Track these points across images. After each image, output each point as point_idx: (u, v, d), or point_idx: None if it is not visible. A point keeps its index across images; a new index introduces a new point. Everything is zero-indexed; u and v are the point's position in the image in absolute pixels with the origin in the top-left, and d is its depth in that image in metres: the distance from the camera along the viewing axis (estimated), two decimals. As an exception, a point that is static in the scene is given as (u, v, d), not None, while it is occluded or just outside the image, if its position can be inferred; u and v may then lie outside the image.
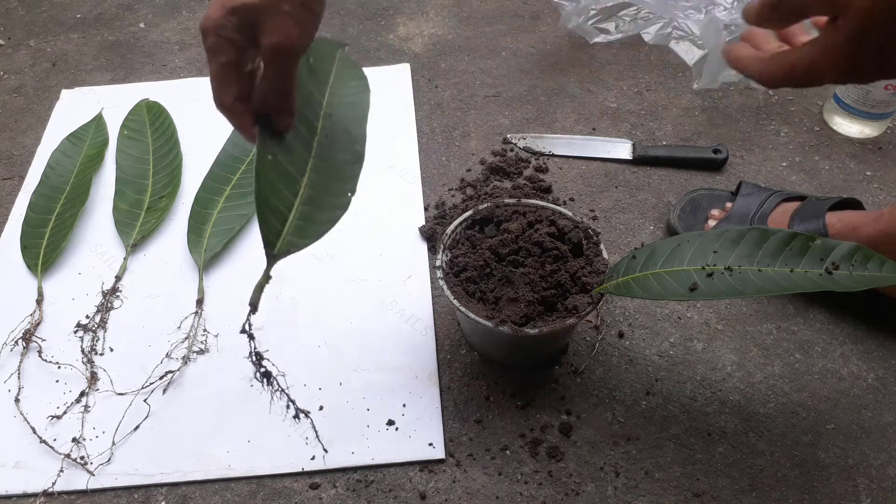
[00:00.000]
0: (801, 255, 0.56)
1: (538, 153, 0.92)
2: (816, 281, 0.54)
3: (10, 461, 0.65)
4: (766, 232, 0.58)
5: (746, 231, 0.59)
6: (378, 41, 1.11)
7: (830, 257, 0.55)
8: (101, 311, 0.76)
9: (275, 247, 0.50)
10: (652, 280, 0.60)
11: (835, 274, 0.54)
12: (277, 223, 0.50)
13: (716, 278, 0.57)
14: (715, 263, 0.58)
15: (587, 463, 0.64)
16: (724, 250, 0.58)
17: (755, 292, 0.55)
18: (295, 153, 0.53)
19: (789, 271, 0.55)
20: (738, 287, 0.56)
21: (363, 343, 0.73)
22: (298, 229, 0.51)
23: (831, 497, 0.62)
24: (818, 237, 0.56)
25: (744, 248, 0.58)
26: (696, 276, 0.58)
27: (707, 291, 0.57)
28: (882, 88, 0.87)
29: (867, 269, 0.55)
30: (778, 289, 0.55)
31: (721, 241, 0.59)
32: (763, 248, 0.57)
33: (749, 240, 0.58)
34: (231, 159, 0.89)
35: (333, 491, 0.63)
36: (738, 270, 0.57)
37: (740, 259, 0.57)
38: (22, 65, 1.09)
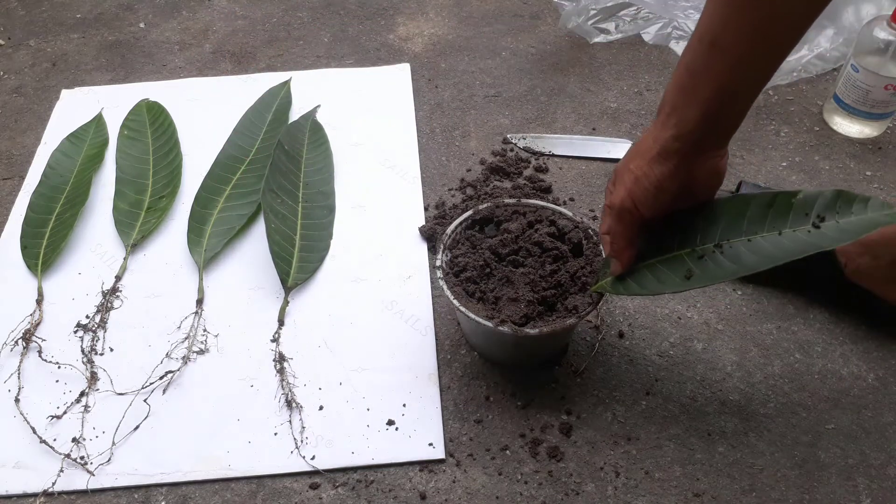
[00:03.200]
0: (785, 214, 0.55)
1: (538, 153, 0.92)
2: (807, 240, 0.53)
3: (10, 461, 0.65)
4: (745, 199, 0.57)
5: (726, 201, 0.58)
6: (378, 41, 1.11)
7: (815, 209, 0.53)
8: (101, 311, 0.76)
9: (287, 282, 0.77)
10: (646, 273, 0.59)
11: (822, 227, 0.53)
12: (286, 266, 0.77)
13: (708, 259, 0.56)
14: (704, 243, 0.57)
15: (587, 463, 0.64)
16: (709, 227, 0.57)
17: (750, 269, 0.54)
18: (287, 220, 0.81)
19: (778, 234, 0.54)
20: (732, 265, 0.55)
21: (363, 343, 0.73)
22: (300, 269, 0.78)
23: (831, 497, 0.62)
24: (800, 192, 0.55)
25: (728, 221, 0.56)
26: (689, 261, 0.57)
27: (703, 276, 0.56)
28: (882, 88, 0.87)
29: (853, 214, 0.53)
30: (771, 260, 0.53)
31: (704, 218, 0.58)
32: (747, 217, 0.56)
33: (731, 210, 0.57)
34: (231, 159, 0.89)
35: (333, 491, 0.63)
36: (729, 245, 0.56)
37: (727, 232, 0.56)
38: (22, 65, 1.09)
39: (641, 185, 0.55)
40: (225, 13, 1.18)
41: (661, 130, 0.54)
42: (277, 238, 0.78)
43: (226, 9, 1.19)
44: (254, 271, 0.79)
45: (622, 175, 0.57)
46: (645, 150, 0.55)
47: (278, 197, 0.82)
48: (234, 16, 1.17)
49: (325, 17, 1.16)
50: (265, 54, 1.09)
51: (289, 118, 0.95)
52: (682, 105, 0.53)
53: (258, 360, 0.72)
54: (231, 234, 0.81)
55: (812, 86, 1.00)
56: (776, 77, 0.99)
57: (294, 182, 0.85)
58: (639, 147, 0.56)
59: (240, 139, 0.92)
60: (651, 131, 0.56)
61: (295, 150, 0.88)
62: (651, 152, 0.55)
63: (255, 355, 0.72)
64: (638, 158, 0.56)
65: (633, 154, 0.57)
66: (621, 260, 0.60)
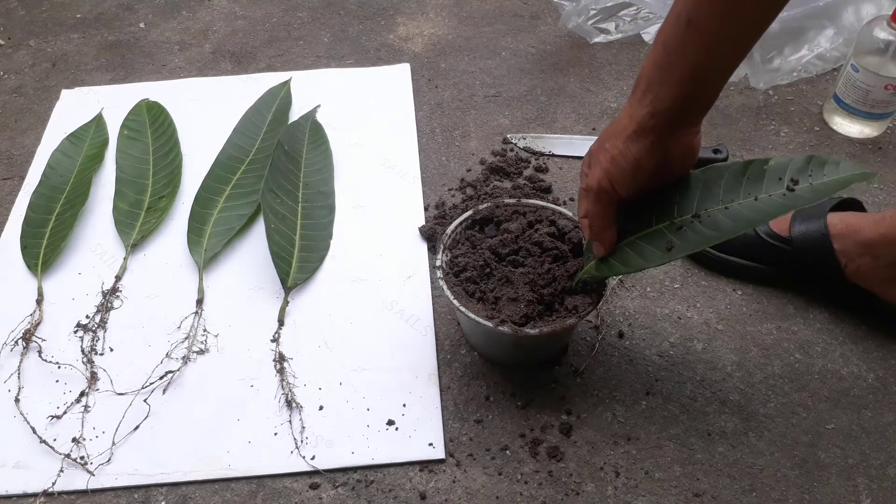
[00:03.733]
0: (759, 180, 0.55)
1: (538, 153, 0.92)
2: (782, 202, 0.53)
3: (10, 461, 0.65)
4: (719, 169, 0.57)
5: (700, 174, 0.58)
6: (378, 41, 1.11)
7: (788, 174, 0.54)
8: (101, 311, 0.76)
9: (287, 283, 0.77)
10: (628, 250, 0.59)
11: (797, 189, 0.53)
12: (286, 267, 0.77)
13: (687, 229, 0.56)
14: (682, 215, 0.57)
15: (587, 463, 0.64)
16: (685, 199, 0.57)
17: (729, 233, 0.54)
18: (287, 220, 0.81)
19: (754, 200, 0.54)
20: (712, 232, 0.55)
21: (363, 343, 0.73)
22: (300, 269, 0.78)
23: (831, 497, 0.62)
24: (771, 160, 0.55)
25: (704, 192, 0.57)
26: (669, 233, 0.57)
27: (683, 246, 0.56)
28: (882, 88, 0.87)
29: (825, 175, 0.53)
30: (749, 223, 0.54)
31: (679, 192, 0.58)
32: (722, 186, 0.56)
33: (706, 182, 0.57)
34: (231, 159, 0.89)
35: (333, 491, 0.63)
36: (706, 214, 0.56)
37: (704, 203, 0.56)
38: (22, 65, 1.09)
39: (618, 165, 0.55)
40: (225, 13, 1.18)
41: (636, 108, 0.54)
42: (277, 238, 0.78)
43: (226, 9, 1.19)
44: (254, 271, 0.79)
45: (597, 156, 0.57)
46: (620, 129, 0.55)
47: (278, 197, 0.82)
48: (234, 16, 1.17)
49: (325, 17, 1.16)
50: (265, 54, 1.09)
51: (289, 118, 0.95)
52: (659, 82, 0.53)
53: (258, 360, 0.72)
54: (231, 234, 0.81)
55: (812, 86, 1.00)
56: (776, 77, 0.99)
57: (294, 182, 0.85)
58: (614, 127, 0.56)
59: (240, 139, 0.92)
60: (626, 110, 0.56)
61: (295, 151, 0.88)
62: (627, 131, 0.55)
63: (255, 355, 0.72)
64: (613, 138, 0.56)
65: (608, 134, 0.57)
66: (602, 242, 0.60)
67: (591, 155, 0.59)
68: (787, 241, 0.73)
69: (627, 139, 0.55)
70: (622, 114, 0.56)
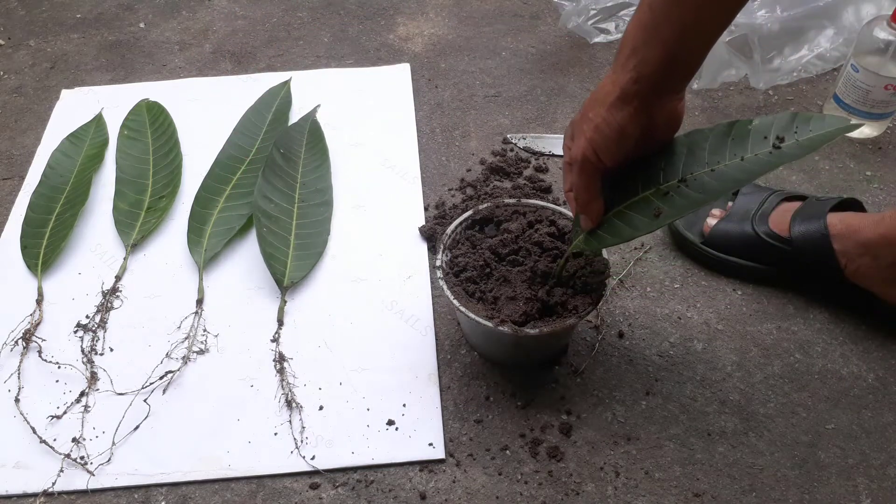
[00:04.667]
0: (744, 141, 0.54)
1: (538, 153, 0.92)
2: (768, 160, 0.53)
3: (10, 461, 0.65)
4: (703, 132, 0.56)
5: (684, 138, 0.57)
6: (378, 41, 1.11)
7: (773, 132, 0.53)
8: (101, 311, 0.76)
9: (283, 283, 0.77)
10: (616, 221, 0.58)
11: (783, 147, 0.52)
12: (281, 267, 0.77)
13: (674, 195, 0.55)
14: (668, 180, 0.56)
15: (587, 463, 0.64)
16: (670, 165, 0.56)
17: (716, 194, 0.53)
18: (281, 222, 0.80)
19: (740, 160, 0.54)
20: (699, 195, 0.54)
21: (363, 343, 0.73)
22: (295, 268, 0.78)
23: (831, 497, 0.62)
24: (755, 119, 0.54)
25: (689, 156, 0.56)
26: (656, 200, 0.56)
27: (671, 212, 0.55)
28: (882, 88, 0.87)
29: (811, 131, 0.52)
30: (736, 182, 0.53)
31: (664, 157, 0.57)
32: (707, 148, 0.55)
33: (691, 146, 0.56)
34: (231, 159, 0.89)
35: (333, 491, 0.63)
36: (693, 178, 0.55)
37: (689, 166, 0.55)
38: (22, 65, 1.09)
39: (602, 133, 0.54)
40: (225, 13, 1.18)
41: (620, 73, 0.53)
42: (270, 240, 0.78)
43: (226, 9, 1.19)
44: (254, 271, 0.79)
45: (580, 126, 0.56)
46: (603, 97, 0.54)
47: (271, 201, 0.82)
48: (234, 16, 1.17)
49: (325, 17, 1.16)
50: (265, 54, 1.09)
51: (289, 118, 0.95)
52: (644, 45, 0.52)
53: (258, 360, 0.72)
54: (231, 234, 0.81)
55: (812, 86, 1.00)
56: (776, 77, 0.99)
57: (290, 184, 0.84)
58: (596, 94, 0.55)
59: (240, 139, 0.92)
60: (609, 76, 0.54)
61: (292, 152, 0.88)
62: (610, 97, 0.53)
63: (255, 355, 0.72)
64: (597, 106, 0.54)
65: (590, 102, 0.55)
66: (590, 214, 0.59)
67: (573, 126, 0.57)
68: (787, 242, 0.73)
69: (611, 106, 0.53)
70: (605, 80, 0.55)
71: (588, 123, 0.55)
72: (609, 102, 0.53)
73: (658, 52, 0.51)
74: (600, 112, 0.54)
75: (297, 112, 0.97)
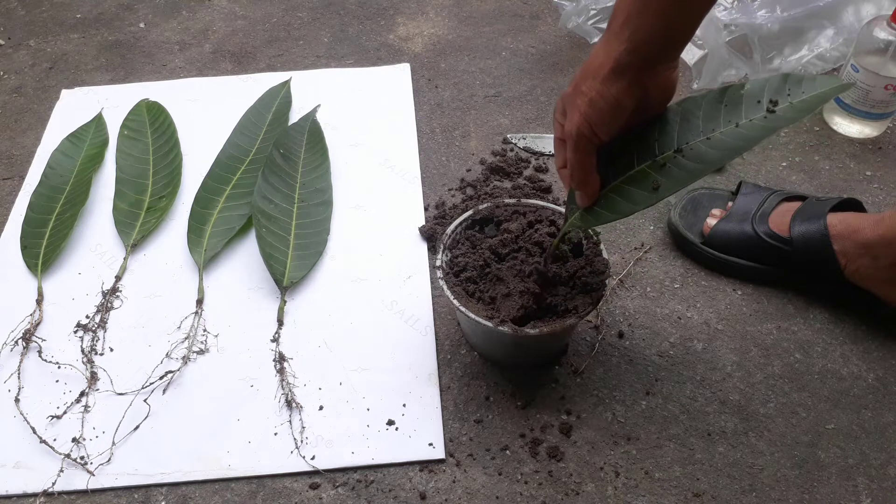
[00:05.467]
0: (738, 106, 0.53)
1: (538, 153, 0.92)
2: (764, 125, 0.51)
3: (10, 461, 0.65)
4: (696, 100, 0.55)
5: (677, 106, 0.55)
6: (378, 41, 1.11)
7: (766, 95, 0.52)
8: (101, 311, 0.76)
9: (282, 283, 0.77)
10: (613, 196, 0.56)
11: (778, 111, 0.51)
12: (281, 268, 0.77)
13: (671, 166, 0.54)
14: (663, 151, 0.55)
15: (587, 463, 0.64)
16: (664, 135, 0.55)
17: (715, 163, 0.52)
18: (280, 222, 0.81)
19: (735, 127, 0.52)
20: (697, 165, 0.53)
21: (363, 343, 0.73)
22: (295, 268, 0.78)
23: (831, 497, 0.62)
24: (747, 83, 0.53)
25: (683, 125, 0.54)
26: (653, 172, 0.55)
27: (670, 184, 0.54)
28: (882, 88, 0.86)
29: (804, 93, 0.51)
30: (733, 151, 0.52)
31: (658, 128, 0.55)
32: (701, 116, 0.54)
33: (684, 114, 0.55)
34: (231, 159, 0.89)
35: (333, 491, 0.63)
36: (689, 147, 0.54)
37: (685, 136, 0.54)
38: (22, 65, 1.09)
39: (597, 107, 0.52)
40: (225, 13, 1.18)
41: (613, 44, 0.51)
42: (269, 240, 0.78)
43: (226, 9, 1.19)
44: (254, 271, 0.79)
45: (573, 100, 0.54)
46: (596, 68, 0.52)
47: (270, 202, 0.82)
48: (234, 16, 1.17)
49: (325, 17, 1.16)
50: (265, 54, 1.09)
51: (289, 118, 0.95)
52: (638, 14, 0.50)
53: (258, 360, 0.72)
54: (231, 234, 0.81)
55: (812, 86, 1.00)
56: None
57: (290, 184, 0.84)
58: (588, 66, 0.53)
59: (240, 139, 0.92)
60: (601, 47, 0.52)
61: (292, 153, 0.88)
62: (604, 70, 0.52)
63: (255, 355, 0.72)
64: (590, 79, 0.52)
65: (583, 75, 0.53)
66: (586, 190, 0.57)
67: (564, 100, 0.55)
68: (787, 242, 0.73)
69: (605, 79, 0.52)
70: (597, 51, 0.53)
71: (581, 97, 0.53)
72: (603, 75, 0.52)
73: (653, 20, 0.50)
74: (594, 85, 0.52)
75: (297, 112, 0.97)
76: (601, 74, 0.52)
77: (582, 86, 0.53)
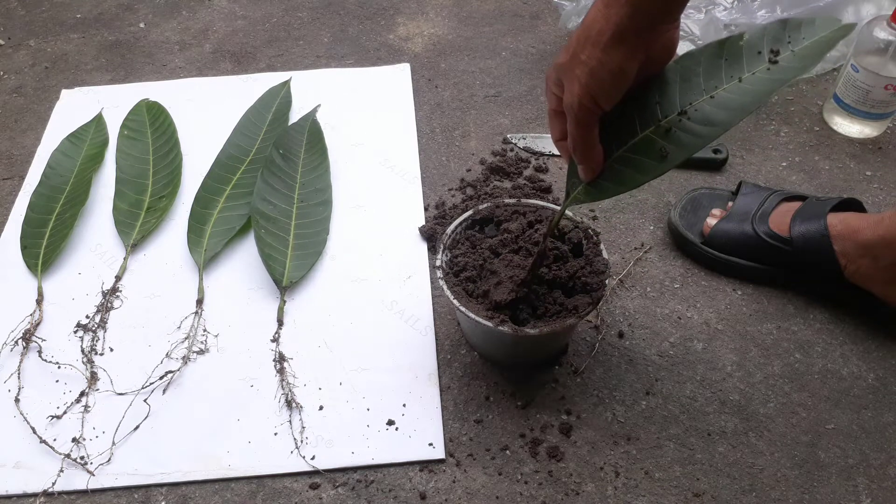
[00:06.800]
0: (738, 59, 0.50)
1: (538, 153, 0.92)
2: (769, 78, 0.49)
3: (10, 461, 0.65)
4: (694, 55, 0.52)
5: (675, 64, 0.53)
6: (378, 41, 1.11)
7: (766, 45, 0.50)
8: (101, 311, 0.76)
9: (282, 283, 0.77)
10: (618, 167, 0.53)
11: (781, 60, 0.49)
12: (280, 268, 0.77)
13: (677, 131, 0.51)
14: (667, 115, 0.52)
15: (587, 463, 0.64)
16: (666, 96, 0.52)
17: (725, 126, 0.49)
18: (279, 223, 0.80)
19: (738, 82, 0.50)
20: (705, 128, 0.50)
21: (363, 343, 0.73)
22: (294, 268, 0.78)
23: (831, 497, 0.62)
24: (745, 34, 0.51)
25: (683, 83, 0.52)
26: (658, 138, 0.51)
27: (679, 151, 0.50)
28: (882, 88, 0.87)
29: (804, 39, 0.49)
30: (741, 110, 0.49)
31: (657, 89, 0.52)
32: (701, 73, 0.51)
33: (683, 73, 0.52)
34: (231, 159, 0.89)
35: (333, 491, 0.63)
36: (693, 108, 0.51)
37: (687, 96, 0.51)
38: (22, 65, 1.09)
39: (598, 77, 0.49)
40: (225, 13, 1.18)
41: (611, 9, 0.48)
42: (268, 241, 0.79)
43: (226, 9, 1.19)
44: (254, 271, 0.79)
45: (571, 70, 0.51)
46: (595, 35, 0.49)
47: (270, 203, 0.82)
48: (234, 16, 1.17)
49: (325, 17, 1.16)
50: (265, 54, 1.09)
51: (289, 118, 0.95)
52: None
53: (258, 360, 0.72)
54: (231, 234, 0.81)
55: (812, 86, 1.00)
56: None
57: (289, 185, 0.84)
58: (586, 32, 0.50)
59: (240, 139, 0.92)
60: (599, 12, 0.49)
61: (291, 152, 0.88)
62: (604, 36, 0.48)
63: (255, 355, 0.72)
64: (589, 47, 0.49)
65: (580, 42, 0.50)
66: (590, 163, 0.54)
67: (560, 70, 0.52)
68: (788, 242, 0.73)
69: (606, 46, 0.48)
70: (594, 17, 0.49)
71: (581, 67, 0.50)
72: (604, 42, 0.49)
73: None
74: (594, 53, 0.49)
75: (297, 112, 0.97)
76: (601, 41, 0.49)
77: (581, 54, 0.50)
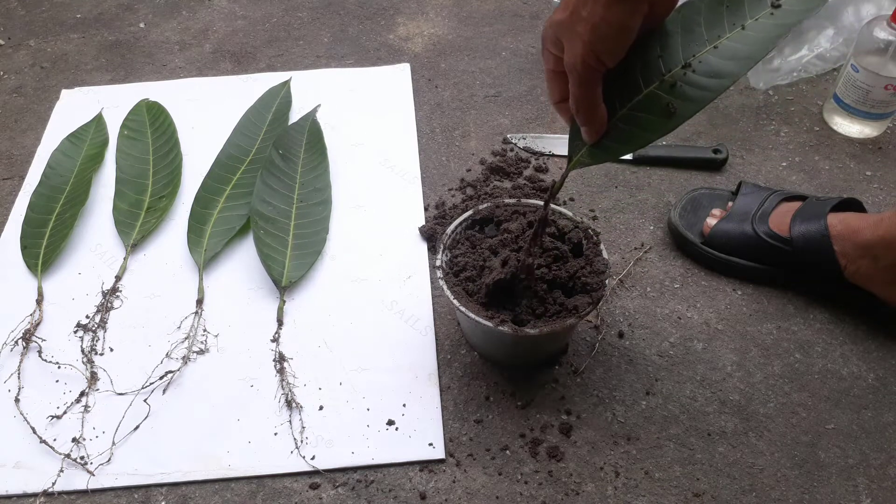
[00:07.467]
0: (740, 6, 0.49)
1: (538, 153, 0.92)
2: (773, 23, 0.47)
3: (10, 461, 0.65)
4: (693, 4, 0.50)
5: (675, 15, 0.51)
6: (378, 41, 1.11)
7: None
8: (101, 311, 0.76)
9: (281, 283, 0.77)
10: (622, 126, 0.51)
11: (784, 3, 0.48)
12: (279, 268, 0.77)
13: (682, 84, 0.49)
14: (670, 68, 0.50)
15: (587, 463, 0.64)
16: (667, 48, 0.50)
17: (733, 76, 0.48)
18: (278, 223, 0.80)
19: (741, 30, 0.48)
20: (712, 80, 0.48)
21: (363, 343, 0.73)
22: (294, 268, 0.78)
23: (831, 497, 0.62)
24: None
25: (685, 34, 0.50)
26: (663, 94, 0.50)
27: (687, 106, 0.49)
28: (882, 88, 0.87)
29: None
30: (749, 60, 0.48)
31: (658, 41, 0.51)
32: (702, 23, 0.50)
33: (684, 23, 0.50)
34: (231, 159, 0.89)
35: (333, 491, 0.63)
36: (697, 60, 0.49)
37: (689, 47, 0.50)
38: (22, 65, 1.09)
39: (601, 34, 0.48)
40: (225, 13, 1.18)
41: None
42: (267, 241, 0.79)
43: (226, 9, 1.19)
44: (254, 271, 0.79)
45: (572, 28, 0.49)
46: None
47: (269, 204, 0.82)
48: (234, 16, 1.17)
49: (325, 17, 1.16)
50: (265, 54, 1.09)
51: (289, 118, 0.95)
52: None
53: (258, 360, 0.72)
54: (231, 234, 0.81)
55: (812, 86, 1.00)
56: (776, 77, 0.99)
57: (289, 185, 0.84)
58: None
59: (240, 139, 0.92)
60: None
61: (291, 152, 0.88)
62: None
63: (255, 355, 0.72)
64: (590, 2, 0.47)
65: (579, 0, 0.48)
66: (594, 124, 0.52)
67: (558, 27, 0.50)
68: (788, 242, 0.73)
69: (608, 1, 0.47)
70: None
71: (582, 24, 0.48)
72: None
73: None
74: (596, 10, 0.47)
75: (296, 112, 0.97)
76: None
77: (581, 11, 0.48)
